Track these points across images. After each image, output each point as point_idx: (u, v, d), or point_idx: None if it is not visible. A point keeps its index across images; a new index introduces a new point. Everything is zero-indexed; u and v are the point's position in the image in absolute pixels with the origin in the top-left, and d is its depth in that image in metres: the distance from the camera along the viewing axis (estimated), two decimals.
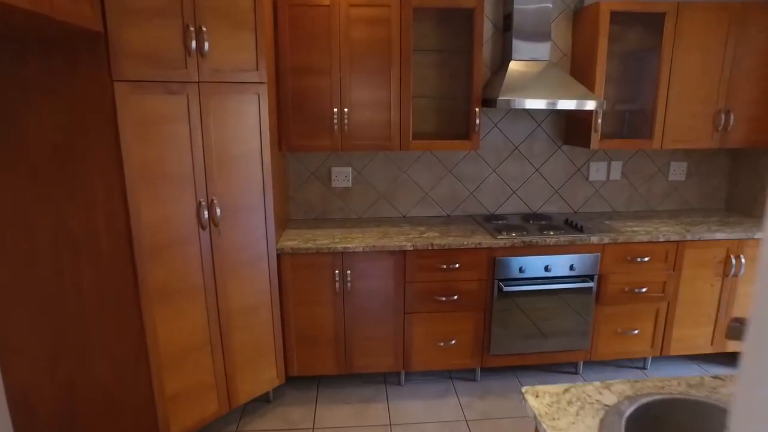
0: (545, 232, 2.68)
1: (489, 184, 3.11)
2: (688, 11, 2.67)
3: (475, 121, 2.65)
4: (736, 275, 2.81)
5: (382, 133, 2.63)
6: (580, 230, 2.72)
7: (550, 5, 2.68)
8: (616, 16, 2.77)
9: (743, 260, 2.79)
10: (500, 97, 2.47)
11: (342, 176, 2.98)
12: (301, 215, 3.03)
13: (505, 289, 2.60)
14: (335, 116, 2.57)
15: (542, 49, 2.74)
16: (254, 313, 2.40)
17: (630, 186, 3.24)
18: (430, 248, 2.52)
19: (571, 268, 2.66)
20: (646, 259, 2.70)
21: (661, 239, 2.67)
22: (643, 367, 3.01)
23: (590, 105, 2.54)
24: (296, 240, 2.57)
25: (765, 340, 0.49)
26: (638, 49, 2.98)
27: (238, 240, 2.26)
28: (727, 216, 3.13)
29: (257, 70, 2.21)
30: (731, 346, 2.93)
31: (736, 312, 2.88)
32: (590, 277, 2.69)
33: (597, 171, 3.17)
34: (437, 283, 2.60)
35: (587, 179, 3.19)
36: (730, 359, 3.10)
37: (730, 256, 2.77)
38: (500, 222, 2.93)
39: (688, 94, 2.79)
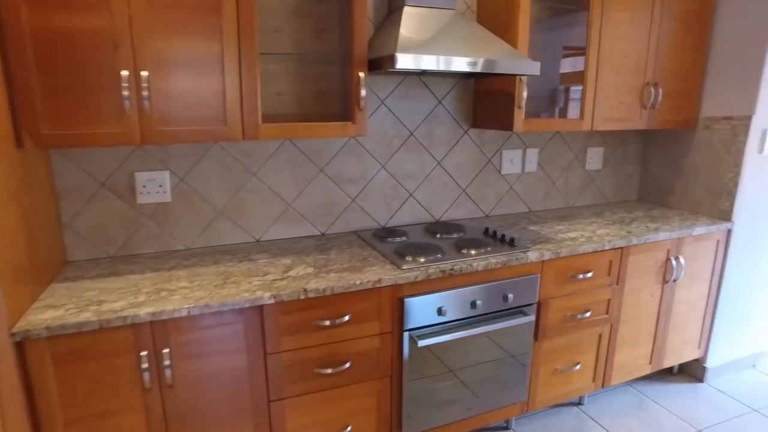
0: (465, 251, 1.90)
1: (377, 186, 2.24)
2: None
3: (360, 93, 1.75)
4: (675, 280, 2.34)
5: (213, 114, 1.59)
6: (511, 244, 1.99)
7: None
8: None
9: (682, 261, 2.32)
10: (400, 53, 1.59)
11: (154, 186, 1.87)
12: (90, 253, 1.85)
13: (421, 342, 1.75)
14: (125, 85, 1.46)
15: None
16: None
17: (547, 179, 2.63)
18: (302, 297, 1.57)
19: (505, 298, 1.91)
20: (590, 274, 2.07)
21: (607, 247, 2.06)
22: (579, 403, 2.43)
23: (530, 68, 1.80)
24: (62, 307, 1.42)
25: None
26: (550, 16, 2.34)
27: None
28: (648, 208, 2.68)
29: None
30: (667, 361, 2.48)
31: (674, 322, 2.42)
32: (528, 307, 1.98)
33: (511, 162, 2.49)
34: (318, 348, 1.65)
35: (500, 172, 2.49)
36: (664, 376, 2.67)
37: (670, 259, 2.28)
38: (399, 239, 2.08)
39: (617, 64, 2.21)
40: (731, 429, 2.26)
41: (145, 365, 1.43)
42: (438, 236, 2.13)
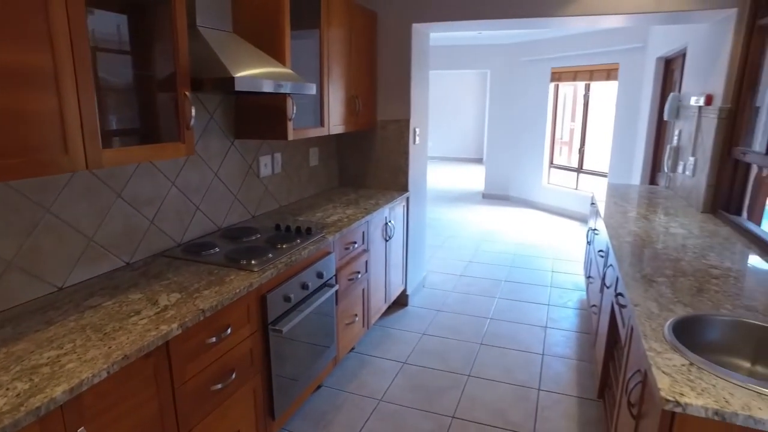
0: (280, 246, 2.18)
1: (169, 204, 2.17)
2: None
3: (189, 113, 1.75)
4: (391, 237, 3.26)
5: (51, 141, 1.32)
6: (309, 233, 2.38)
7: None
8: None
9: (393, 223, 3.26)
10: (241, 74, 1.73)
11: None
12: None
13: (285, 329, 1.97)
14: None
15: (224, 15, 2.08)
16: None
17: (288, 177, 3.07)
18: (201, 319, 1.56)
19: (319, 275, 2.31)
20: (356, 244, 2.71)
21: (362, 222, 2.73)
22: (353, 349, 3.07)
23: (313, 89, 2.20)
24: None
25: None
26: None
27: None
28: (355, 190, 3.53)
29: None
30: (392, 297, 3.43)
31: (393, 269, 3.37)
32: (332, 279, 2.44)
33: (265, 166, 2.80)
34: (211, 366, 1.66)
35: (258, 176, 2.77)
36: (386, 310, 3.63)
37: (387, 223, 3.18)
38: (213, 251, 2.12)
39: (338, 82, 2.87)
40: (436, 324, 3.41)
41: None
42: (243, 240, 2.29)
